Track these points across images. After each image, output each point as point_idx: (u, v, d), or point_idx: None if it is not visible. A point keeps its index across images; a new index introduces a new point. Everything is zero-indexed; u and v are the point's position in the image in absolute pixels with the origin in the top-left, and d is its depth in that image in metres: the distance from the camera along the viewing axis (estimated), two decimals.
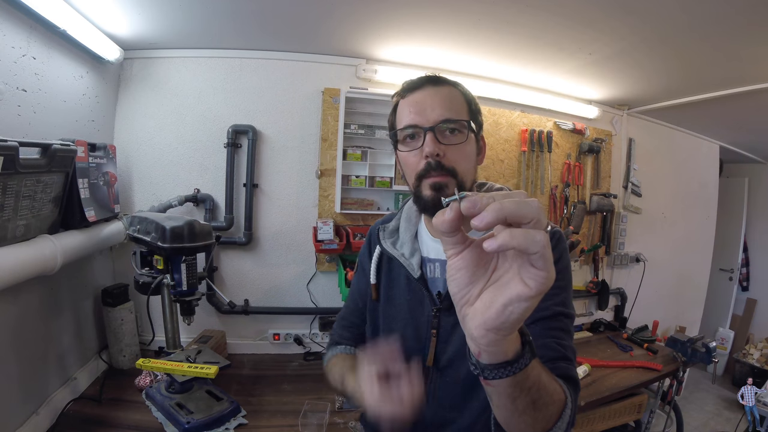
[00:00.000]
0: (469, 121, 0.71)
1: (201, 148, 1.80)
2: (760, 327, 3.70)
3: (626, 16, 1.31)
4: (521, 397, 0.46)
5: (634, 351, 2.12)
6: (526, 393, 0.46)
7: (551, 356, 0.64)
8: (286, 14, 1.47)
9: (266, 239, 1.89)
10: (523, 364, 0.42)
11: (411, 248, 0.79)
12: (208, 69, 1.79)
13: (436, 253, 0.79)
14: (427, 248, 0.80)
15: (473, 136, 0.73)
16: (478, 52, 1.73)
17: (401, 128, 0.73)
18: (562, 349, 0.65)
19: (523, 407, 0.47)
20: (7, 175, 0.93)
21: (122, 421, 1.25)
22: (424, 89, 0.72)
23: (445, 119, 0.69)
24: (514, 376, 0.42)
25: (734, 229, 3.78)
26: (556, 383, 0.54)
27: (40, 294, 1.26)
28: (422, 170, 0.69)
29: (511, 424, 0.52)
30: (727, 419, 2.84)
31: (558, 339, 0.66)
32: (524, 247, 0.31)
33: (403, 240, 0.80)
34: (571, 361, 0.65)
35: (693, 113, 2.38)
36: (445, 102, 0.71)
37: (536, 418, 0.50)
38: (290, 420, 1.33)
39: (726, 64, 1.63)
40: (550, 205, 2.30)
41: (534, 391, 0.47)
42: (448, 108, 0.70)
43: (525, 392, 0.46)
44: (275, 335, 1.89)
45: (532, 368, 0.44)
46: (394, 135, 0.76)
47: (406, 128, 0.72)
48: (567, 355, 0.65)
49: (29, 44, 1.17)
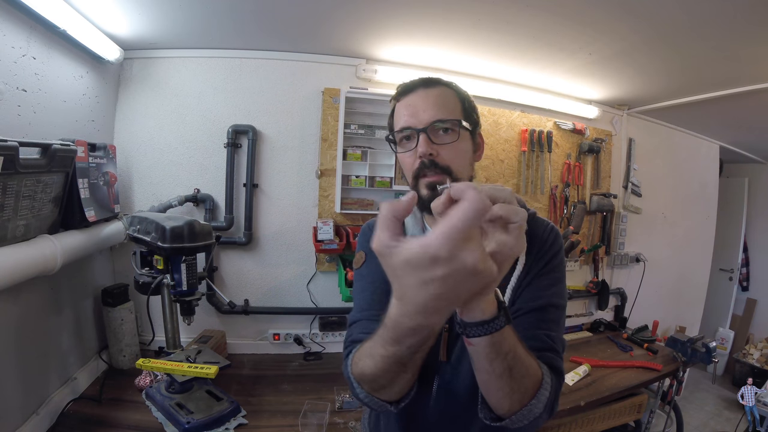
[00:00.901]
0: (460, 120, 0.74)
1: (201, 148, 1.80)
2: (760, 327, 3.71)
3: (626, 16, 1.31)
4: (497, 360, 0.52)
5: (634, 351, 2.12)
6: (502, 357, 0.52)
7: (539, 347, 0.67)
8: (286, 14, 1.47)
9: (266, 239, 1.89)
10: (498, 325, 0.48)
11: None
12: (209, 69, 1.79)
13: None
14: None
15: (467, 133, 0.76)
16: (478, 52, 1.73)
17: (397, 130, 0.76)
18: (550, 341, 0.68)
19: (500, 371, 0.53)
20: (7, 175, 0.93)
21: (122, 421, 1.25)
22: (417, 92, 0.75)
23: (436, 119, 0.71)
24: (491, 335, 0.48)
25: (734, 229, 3.78)
26: (534, 360, 0.59)
27: (40, 294, 1.26)
28: (417, 169, 0.72)
29: (490, 389, 0.57)
30: (727, 419, 2.84)
31: (547, 331, 0.69)
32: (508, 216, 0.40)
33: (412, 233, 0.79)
34: (558, 352, 0.68)
35: (693, 113, 2.38)
36: (437, 103, 0.73)
37: (512, 387, 0.55)
38: (290, 420, 1.33)
39: (726, 64, 1.63)
40: (550, 205, 2.30)
41: (510, 358, 0.52)
42: (439, 108, 0.72)
43: (502, 356, 0.52)
44: (275, 335, 1.89)
45: (508, 335, 0.50)
46: (393, 137, 0.79)
47: (401, 130, 0.75)
48: (554, 347, 0.68)
49: (29, 44, 1.17)
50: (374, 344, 0.57)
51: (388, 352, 0.53)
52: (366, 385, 0.64)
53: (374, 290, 0.84)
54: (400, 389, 0.63)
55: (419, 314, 0.40)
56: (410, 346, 0.50)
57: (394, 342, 0.51)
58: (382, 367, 0.57)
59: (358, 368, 0.64)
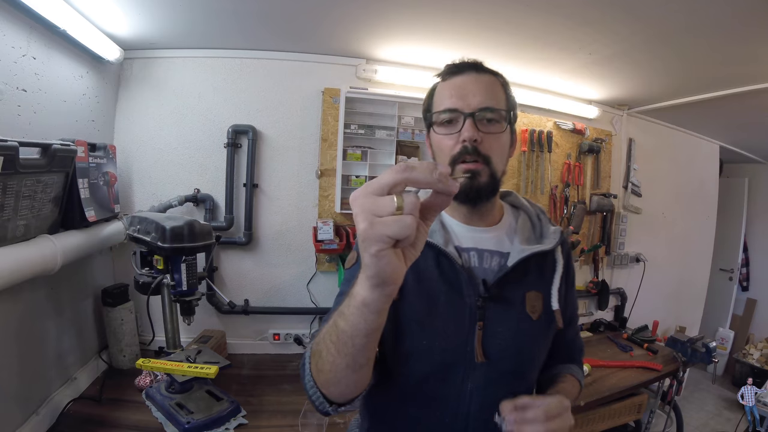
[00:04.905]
0: (508, 111, 0.72)
1: (201, 148, 1.80)
2: (760, 327, 3.70)
3: (626, 16, 1.31)
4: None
5: (634, 351, 2.12)
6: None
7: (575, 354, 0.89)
8: (287, 14, 1.47)
9: (266, 239, 1.89)
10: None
11: (444, 237, 0.73)
12: (209, 69, 1.79)
13: (471, 241, 0.75)
14: (458, 237, 0.75)
15: (509, 127, 0.73)
16: (479, 52, 1.69)
17: (440, 111, 0.72)
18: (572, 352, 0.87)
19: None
20: (7, 175, 0.93)
21: (122, 421, 1.25)
22: (467, 74, 0.72)
23: (485, 107, 0.69)
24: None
25: (734, 229, 3.77)
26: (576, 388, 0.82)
27: (40, 294, 1.26)
28: (457, 153, 0.69)
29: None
30: (727, 419, 2.84)
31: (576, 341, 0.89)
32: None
33: (433, 228, 0.73)
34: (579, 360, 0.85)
35: (693, 113, 2.38)
36: (487, 90, 0.70)
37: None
38: (290, 420, 1.33)
39: (726, 64, 1.63)
40: (550, 205, 2.30)
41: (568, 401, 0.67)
42: (489, 96, 0.70)
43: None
44: (275, 335, 1.89)
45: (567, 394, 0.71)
46: (430, 117, 0.75)
47: (444, 111, 0.71)
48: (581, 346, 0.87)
49: (29, 44, 1.17)
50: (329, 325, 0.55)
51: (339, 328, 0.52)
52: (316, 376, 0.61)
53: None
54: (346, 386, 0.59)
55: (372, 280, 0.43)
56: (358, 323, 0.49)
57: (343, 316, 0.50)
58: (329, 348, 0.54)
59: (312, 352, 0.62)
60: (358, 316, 0.48)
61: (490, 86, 0.71)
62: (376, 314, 0.47)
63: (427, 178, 0.40)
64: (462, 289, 0.70)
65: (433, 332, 0.69)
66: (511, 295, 0.71)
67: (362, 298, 0.46)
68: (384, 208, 0.39)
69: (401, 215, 0.39)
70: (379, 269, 0.42)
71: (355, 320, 0.48)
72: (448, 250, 0.70)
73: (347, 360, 0.53)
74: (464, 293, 0.70)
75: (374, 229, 0.39)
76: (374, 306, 0.46)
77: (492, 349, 0.70)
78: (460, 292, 0.70)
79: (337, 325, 0.52)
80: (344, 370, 0.54)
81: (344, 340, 0.51)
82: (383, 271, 0.42)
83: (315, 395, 0.62)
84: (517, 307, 0.72)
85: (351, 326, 0.49)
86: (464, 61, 0.74)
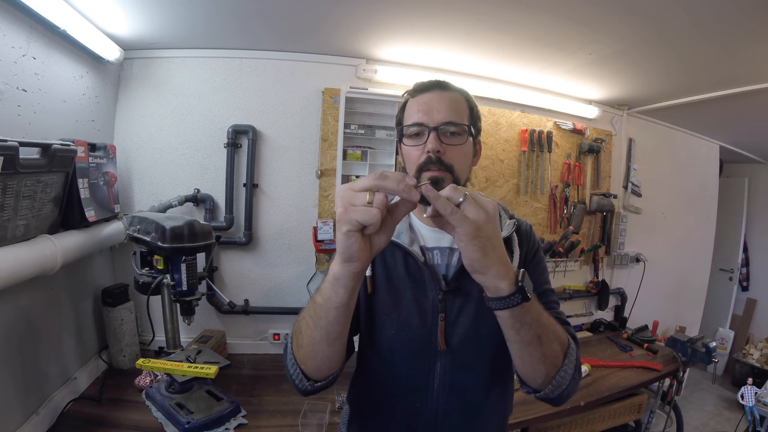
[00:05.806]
0: (469, 126, 0.79)
1: (201, 148, 1.80)
2: (760, 327, 3.70)
3: (626, 16, 1.31)
4: (523, 329, 0.60)
5: (634, 351, 2.12)
6: (527, 327, 0.60)
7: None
8: (286, 14, 1.47)
9: (266, 239, 1.89)
10: (514, 301, 0.57)
11: (410, 238, 0.83)
12: (209, 69, 1.79)
13: (434, 241, 0.84)
14: (424, 238, 0.84)
15: (471, 139, 0.81)
16: (479, 52, 1.73)
17: (408, 124, 0.80)
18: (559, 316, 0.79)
19: (529, 339, 0.61)
20: (7, 175, 0.93)
21: (122, 421, 1.26)
22: (433, 92, 0.80)
23: (448, 121, 0.76)
24: (510, 309, 0.57)
25: (734, 229, 3.78)
26: (558, 326, 0.67)
27: (41, 294, 1.26)
28: (423, 163, 0.76)
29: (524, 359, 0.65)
30: (727, 419, 2.84)
31: (555, 310, 0.79)
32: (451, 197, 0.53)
33: (400, 230, 0.83)
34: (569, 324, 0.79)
35: (693, 113, 2.38)
36: (451, 106, 0.78)
37: (545, 352, 0.63)
38: (290, 420, 1.33)
39: (726, 64, 1.63)
40: (550, 205, 2.30)
41: (535, 326, 0.60)
42: (452, 112, 0.77)
43: (527, 326, 0.60)
44: (275, 335, 1.89)
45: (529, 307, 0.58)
46: (401, 130, 0.83)
47: (412, 125, 0.79)
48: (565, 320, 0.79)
49: (29, 44, 1.17)
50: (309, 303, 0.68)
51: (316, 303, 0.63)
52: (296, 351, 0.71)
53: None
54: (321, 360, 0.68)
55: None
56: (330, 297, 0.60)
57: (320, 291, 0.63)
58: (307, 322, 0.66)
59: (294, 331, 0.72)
60: (331, 289, 0.60)
61: (453, 103, 0.79)
62: (344, 289, 0.58)
63: (394, 186, 0.50)
64: (425, 284, 0.79)
65: (400, 324, 0.79)
66: (469, 287, 0.78)
67: (334, 272, 0.58)
68: (358, 199, 0.51)
69: (370, 207, 0.50)
70: (347, 246, 0.53)
71: (329, 293, 0.60)
72: (412, 249, 0.80)
73: (322, 333, 0.64)
74: (427, 288, 0.79)
75: (347, 213, 0.51)
76: (343, 281, 0.58)
77: (453, 337, 0.78)
78: (423, 287, 0.80)
79: (314, 301, 0.65)
80: (320, 342, 0.65)
81: (320, 313, 0.63)
82: (350, 248, 0.53)
83: (295, 372, 0.72)
84: (476, 297, 0.78)
85: (325, 299, 0.61)
86: (431, 81, 0.82)
